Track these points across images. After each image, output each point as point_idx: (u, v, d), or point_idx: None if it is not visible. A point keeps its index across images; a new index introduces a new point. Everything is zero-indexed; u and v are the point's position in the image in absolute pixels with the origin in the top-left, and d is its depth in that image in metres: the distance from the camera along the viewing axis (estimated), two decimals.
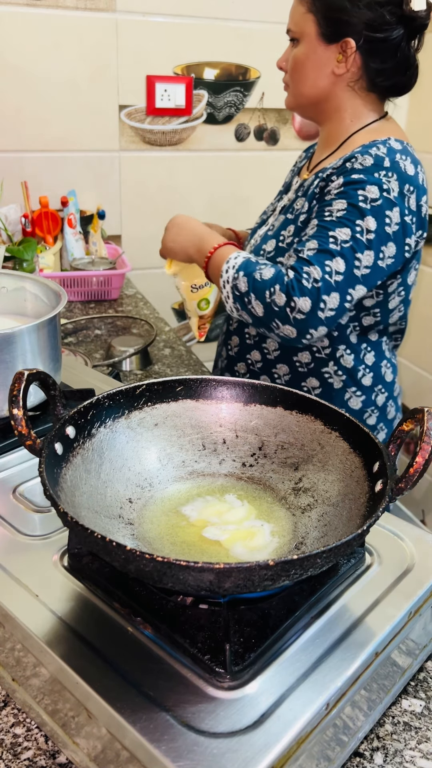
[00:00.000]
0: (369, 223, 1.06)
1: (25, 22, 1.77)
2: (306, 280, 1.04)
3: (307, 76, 1.16)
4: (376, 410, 1.30)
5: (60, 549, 0.64)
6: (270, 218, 1.33)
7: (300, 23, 1.14)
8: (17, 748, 0.56)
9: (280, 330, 1.08)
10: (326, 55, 1.14)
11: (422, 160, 1.17)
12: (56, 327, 0.89)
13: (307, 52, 1.15)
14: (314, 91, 1.17)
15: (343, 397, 1.26)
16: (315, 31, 1.13)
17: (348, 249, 1.05)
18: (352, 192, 1.07)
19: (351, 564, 0.62)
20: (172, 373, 1.36)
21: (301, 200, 1.22)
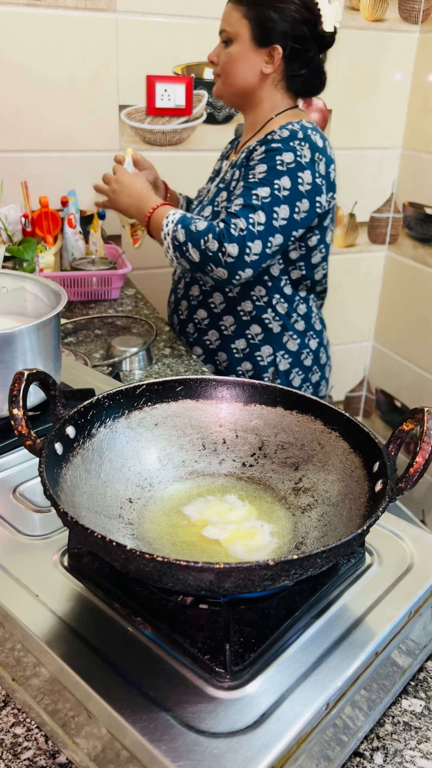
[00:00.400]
0: (284, 182, 1.30)
1: (25, 22, 1.76)
2: (233, 229, 1.28)
3: (238, 71, 1.40)
4: (311, 353, 1.57)
5: (60, 549, 0.64)
6: (204, 199, 1.57)
7: (235, 26, 1.37)
8: (17, 748, 0.56)
9: (214, 273, 1.32)
10: (257, 57, 1.38)
11: (422, 160, 1.24)
12: (56, 327, 0.89)
13: (240, 51, 1.38)
14: (243, 85, 1.42)
15: (282, 340, 1.52)
16: (249, 35, 1.36)
17: (267, 204, 1.29)
18: (271, 157, 1.32)
19: (351, 564, 0.62)
20: (172, 373, 1.36)
21: (230, 171, 1.48)
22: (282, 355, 1.52)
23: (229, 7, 1.39)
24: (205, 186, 1.65)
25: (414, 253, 2.44)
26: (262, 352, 1.52)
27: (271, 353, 1.52)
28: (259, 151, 1.35)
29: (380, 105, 2.33)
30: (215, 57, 1.43)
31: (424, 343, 2.45)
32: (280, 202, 1.30)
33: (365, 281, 2.61)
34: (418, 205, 2.38)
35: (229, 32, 1.38)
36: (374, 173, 2.44)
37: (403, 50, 2.28)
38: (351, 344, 2.69)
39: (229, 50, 1.39)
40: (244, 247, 1.27)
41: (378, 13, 2.19)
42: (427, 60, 2.27)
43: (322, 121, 2.26)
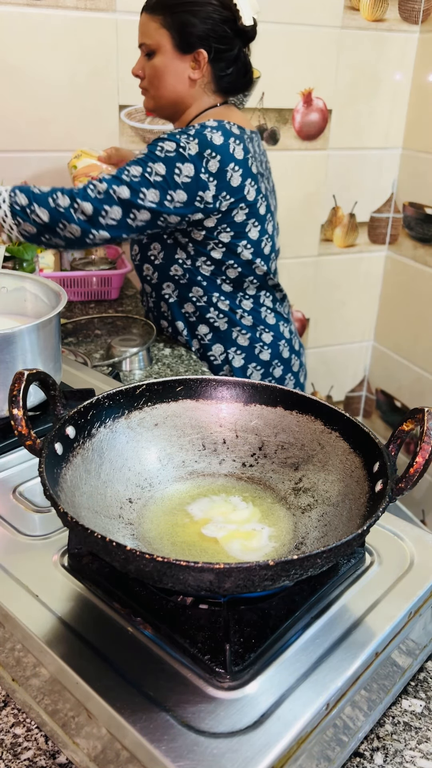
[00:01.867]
0: (158, 167, 1.29)
1: (25, 22, 1.76)
2: (91, 190, 1.27)
3: (166, 82, 1.38)
4: (266, 347, 1.54)
5: (60, 549, 0.64)
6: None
7: (155, 37, 1.34)
8: (17, 748, 0.56)
9: (66, 230, 1.29)
10: (182, 64, 1.35)
11: (422, 160, 1.21)
12: (56, 327, 0.89)
13: (164, 62, 1.35)
14: (173, 95, 1.39)
15: (232, 336, 1.51)
16: (170, 44, 1.33)
17: (135, 182, 1.28)
18: (153, 143, 1.32)
19: (351, 564, 0.62)
20: (172, 373, 1.36)
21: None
22: (234, 351, 1.52)
23: (144, 18, 1.36)
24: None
25: (414, 253, 2.44)
26: (214, 351, 1.52)
27: (223, 351, 1.52)
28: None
29: (380, 105, 2.33)
30: (139, 71, 1.40)
31: (424, 343, 2.45)
32: (149, 185, 1.28)
33: (365, 281, 2.61)
34: (418, 205, 2.38)
35: (150, 44, 1.35)
36: (374, 173, 2.44)
37: (403, 50, 2.28)
38: (351, 344, 2.69)
39: (153, 63, 1.36)
40: (100, 209, 1.27)
41: (378, 13, 2.19)
42: (427, 60, 2.27)
43: (322, 121, 2.26)
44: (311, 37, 2.15)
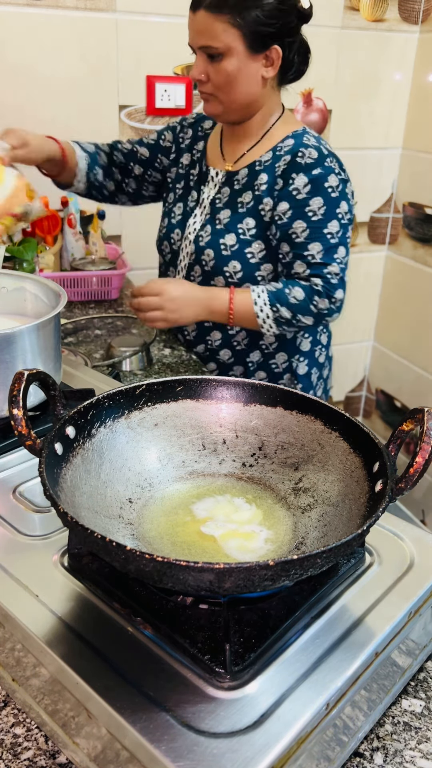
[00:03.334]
0: (342, 207, 1.30)
1: (25, 22, 1.77)
2: (332, 278, 1.29)
3: (240, 87, 1.26)
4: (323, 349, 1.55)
5: (60, 549, 0.64)
6: (197, 209, 1.44)
7: (223, 39, 1.20)
8: (17, 748, 0.56)
9: (328, 322, 1.35)
10: (255, 65, 1.25)
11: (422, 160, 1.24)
12: (56, 327, 0.89)
13: (238, 65, 1.23)
14: (248, 99, 1.29)
15: (296, 343, 1.47)
16: (242, 45, 1.21)
17: (341, 236, 1.30)
18: (321, 187, 1.28)
19: (351, 564, 0.62)
20: (172, 373, 1.36)
21: (246, 194, 1.35)
22: (297, 358, 1.48)
23: (204, 18, 1.20)
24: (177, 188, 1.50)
25: (414, 253, 2.44)
26: (276, 360, 1.47)
27: (286, 360, 1.47)
28: (301, 181, 1.27)
29: (380, 105, 2.33)
30: (202, 75, 1.26)
31: (424, 343, 2.45)
32: (347, 227, 1.31)
33: (365, 281, 2.61)
34: (418, 205, 2.38)
35: (217, 47, 1.21)
36: (374, 173, 2.44)
37: (403, 50, 2.28)
38: (351, 344, 2.69)
39: (223, 66, 1.23)
40: (344, 285, 1.31)
41: (378, 13, 2.19)
42: (427, 60, 2.27)
43: (322, 121, 2.26)
44: (311, 37, 2.14)
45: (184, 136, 1.50)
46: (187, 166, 1.49)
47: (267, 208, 1.32)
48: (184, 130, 1.50)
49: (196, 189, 1.45)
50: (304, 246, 1.28)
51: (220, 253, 1.36)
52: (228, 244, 1.35)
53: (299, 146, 1.29)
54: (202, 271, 1.40)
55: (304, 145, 1.29)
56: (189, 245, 1.42)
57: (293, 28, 1.26)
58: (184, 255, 1.45)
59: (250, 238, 1.34)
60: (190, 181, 1.48)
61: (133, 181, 1.57)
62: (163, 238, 1.51)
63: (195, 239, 1.41)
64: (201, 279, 1.40)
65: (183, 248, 1.45)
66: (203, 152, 1.46)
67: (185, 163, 1.49)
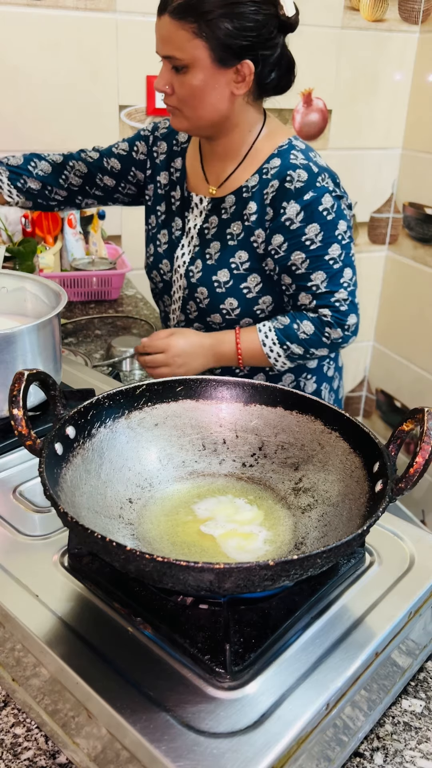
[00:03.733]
0: (341, 226, 1.20)
1: (25, 22, 1.77)
2: (341, 305, 1.21)
3: (206, 101, 1.12)
4: (332, 361, 1.46)
5: (60, 549, 0.64)
6: (183, 239, 1.32)
7: (188, 50, 1.06)
8: (17, 748, 0.56)
9: (344, 346, 1.28)
10: (224, 79, 1.10)
11: (422, 160, 1.22)
12: (56, 327, 0.89)
13: (203, 78, 1.09)
14: (215, 115, 1.15)
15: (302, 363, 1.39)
16: (208, 57, 1.07)
17: (345, 257, 1.21)
18: (316, 213, 1.17)
19: (351, 564, 0.62)
20: None
21: (236, 225, 1.24)
22: (305, 377, 1.38)
23: (168, 24, 1.06)
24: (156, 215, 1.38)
25: (414, 253, 2.44)
26: (284, 381, 1.37)
27: (293, 380, 1.38)
28: (293, 210, 1.16)
29: (380, 105, 2.33)
30: (166, 86, 1.12)
31: (424, 343, 2.45)
32: (349, 245, 1.23)
33: (365, 281, 2.61)
34: (418, 206, 2.38)
35: (181, 58, 1.07)
36: (374, 173, 2.44)
37: (403, 50, 2.29)
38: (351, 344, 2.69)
39: (187, 79, 1.09)
40: (356, 307, 1.25)
41: (378, 14, 2.19)
42: (427, 60, 2.27)
43: (321, 121, 2.26)
44: (311, 37, 2.15)
45: (158, 151, 1.35)
46: (165, 186, 1.35)
47: (260, 240, 1.22)
48: (157, 143, 1.35)
49: (180, 216, 1.33)
50: (306, 277, 1.20)
51: (214, 291, 1.26)
52: (222, 281, 1.25)
53: (286, 168, 1.17)
54: (198, 308, 1.30)
55: (291, 166, 1.17)
56: (180, 279, 1.32)
57: (269, 40, 1.09)
58: (177, 288, 1.34)
59: (244, 272, 1.24)
60: (172, 206, 1.34)
61: (99, 190, 1.42)
62: (151, 266, 1.40)
63: (186, 274, 1.30)
64: (197, 315, 1.31)
65: (175, 281, 1.34)
66: (182, 172, 1.32)
67: (163, 183, 1.35)
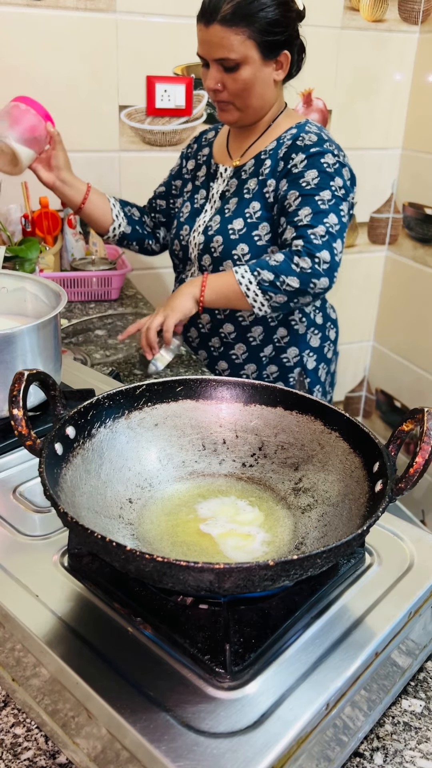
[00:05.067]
0: (337, 181, 1.34)
1: (25, 22, 1.77)
2: (315, 238, 1.29)
3: (256, 93, 1.35)
4: (332, 344, 1.59)
5: (60, 549, 0.64)
6: (207, 204, 1.51)
7: (240, 51, 1.28)
8: (17, 748, 0.56)
9: (317, 287, 1.30)
10: (268, 70, 1.34)
11: (422, 160, 1.25)
12: (56, 327, 0.89)
13: (254, 73, 1.32)
14: (262, 103, 1.38)
15: (306, 338, 1.52)
16: (257, 53, 1.30)
17: (333, 205, 1.32)
18: (317, 162, 1.33)
19: (351, 564, 0.62)
20: (172, 373, 1.36)
21: (252, 180, 1.42)
22: (308, 353, 1.52)
23: (219, 31, 1.27)
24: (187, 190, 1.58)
25: (414, 254, 2.44)
26: (288, 354, 1.51)
27: (297, 354, 1.51)
28: (298, 159, 1.34)
29: (380, 105, 2.33)
30: (219, 85, 1.33)
31: (424, 343, 2.45)
32: (340, 201, 1.33)
33: (365, 281, 2.61)
34: (418, 206, 2.38)
35: (235, 58, 1.29)
36: (374, 173, 2.44)
37: (403, 50, 2.28)
38: (351, 344, 2.69)
39: (239, 75, 1.31)
40: (331, 248, 1.29)
41: (378, 14, 2.19)
42: (427, 60, 2.27)
43: (321, 121, 2.26)
44: (311, 37, 2.14)
45: (190, 151, 1.61)
46: (192, 170, 1.57)
47: (270, 189, 1.38)
48: (190, 147, 1.62)
49: (205, 187, 1.52)
50: (295, 213, 1.32)
51: (228, 238, 1.40)
52: (236, 228, 1.40)
53: (301, 132, 1.37)
54: (212, 258, 1.44)
55: (305, 131, 1.37)
56: (198, 236, 1.47)
57: (297, 30, 1.35)
58: (194, 246, 1.49)
59: (256, 220, 1.39)
60: (197, 181, 1.55)
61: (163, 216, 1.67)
62: (173, 238, 1.56)
63: (204, 230, 1.46)
64: (211, 266, 1.45)
65: (191, 240, 1.50)
66: (209, 155, 1.54)
67: (190, 168, 1.58)
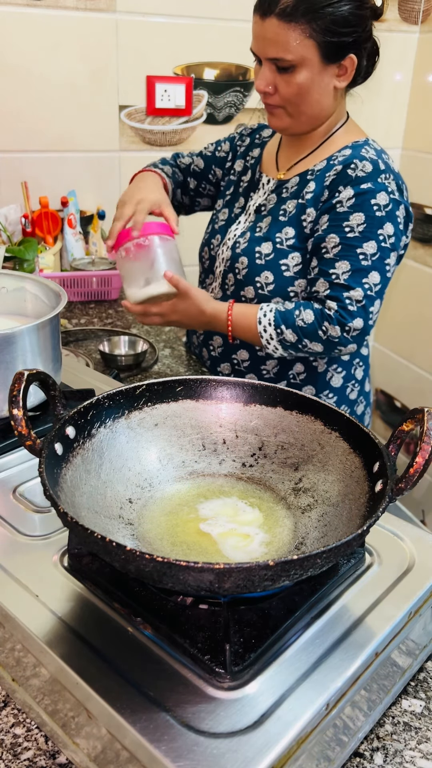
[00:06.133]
0: (387, 228, 1.14)
1: (25, 22, 1.76)
2: (351, 304, 1.13)
3: (312, 100, 1.15)
4: (357, 384, 1.37)
5: (60, 549, 0.64)
6: (242, 216, 1.33)
7: (298, 50, 1.09)
8: (17, 748, 0.56)
9: (342, 352, 1.18)
10: (328, 75, 1.14)
11: (422, 160, 1.20)
12: (56, 327, 0.89)
13: (311, 77, 1.12)
14: (317, 111, 1.18)
15: (326, 377, 1.32)
16: (317, 56, 1.10)
17: (378, 260, 1.13)
18: (366, 203, 1.13)
19: (351, 564, 0.62)
20: (172, 373, 1.36)
21: (291, 202, 1.24)
22: (326, 395, 1.33)
23: (276, 26, 1.08)
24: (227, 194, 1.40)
25: (414, 254, 2.44)
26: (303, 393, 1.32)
27: (314, 394, 1.31)
28: (346, 194, 1.15)
29: (380, 105, 2.33)
30: (270, 87, 1.15)
31: (424, 343, 2.45)
32: (388, 252, 1.15)
33: None
34: (418, 205, 2.38)
35: (291, 59, 1.10)
36: None
37: (403, 50, 2.28)
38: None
39: (294, 78, 1.12)
40: (368, 315, 1.14)
41: None
42: (427, 60, 2.27)
43: None
44: None
45: (242, 144, 1.41)
46: (239, 173, 1.39)
47: (309, 219, 1.20)
48: (243, 139, 1.42)
49: (245, 196, 1.36)
50: (331, 263, 1.14)
51: (253, 262, 1.25)
52: (263, 253, 1.24)
53: (355, 157, 1.17)
54: (235, 280, 1.29)
55: (360, 156, 1.16)
56: (226, 251, 1.32)
57: (368, 31, 1.13)
58: (220, 261, 1.34)
59: (287, 248, 1.22)
60: (240, 188, 1.38)
61: (187, 197, 1.49)
62: (204, 244, 1.41)
63: (233, 246, 1.30)
64: (233, 288, 1.30)
65: (220, 254, 1.34)
66: (258, 159, 1.36)
67: (237, 170, 1.40)
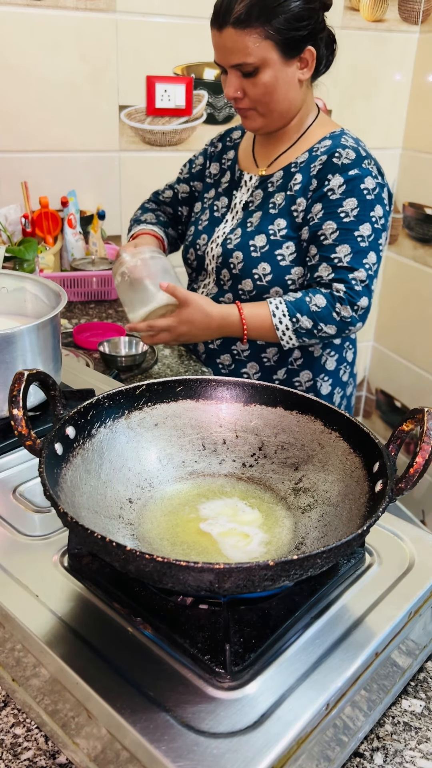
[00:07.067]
0: (378, 210, 1.23)
1: (25, 22, 1.76)
2: (357, 284, 1.21)
3: (281, 95, 1.21)
4: (348, 366, 1.45)
5: (60, 549, 0.64)
6: (228, 214, 1.38)
7: (258, 53, 1.14)
8: (17, 748, 0.56)
9: (352, 331, 1.25)
10: (291, 70, 1.20)
11: (422, 160, 1.22)
12: (56, 327, 0.89)
13: (275, 75, 1.18)
14: (287, 105, 1.24)
15: (321, 361, 1.39)
16: (277, 54, 1.16)
17: (373, 241, 1.22)
18: (357, 189, 1.21)
19: (351, 564, 0.62)
20: (172, 373, 1.36)
21: (280, 195, 1.29)
22: (322, 378, 1.39)
23: (233, 35, 1.14)
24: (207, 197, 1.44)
25: (414, 254, 2.44)
26: (300, 378, 1.38)
27: (311, 378, 1.38)
28: (336, 182, 1.22)
29: (380, 105, 2.33)
30: (238, 92, 1.20)
31: (424, 343, 2.45)
32: (380, 233, 1.24)
33: None
34: (418, 206, 2.38)
35: (252, 62, 1.15)
36: None
37: (403, 50, 2.28)
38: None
39: (259, 80, 1.17)
40: (370, 293, 1.23)
41: (378, 14, 2.19)
42: (427, 60, 2.27)
43: None
44: None
45: (214, 150, 1.46)
46: (215, 175, 1.44)
47: (300, 209, 1.26)
48: (215, 145, 1.47)
49: (227, 195, 1.40)
50: (331, 248, 1.21)
51: (249, 255, 1.29)
52: (258, 246, 1.28)
53: (337, 146, 1.24)
54: (231, 275, 1.32)
55: (341, 145, 1.24)
56: (216, 248, 1.35)
57: (321, 22, 1.19)
58: (211, 259, 1.37)
59: (280, 239, 1.27)
60: (220, 188, 1.42)
61: (182, 226, 1.54)
62: (188, 246, 1.44)
63: (223, 242, 1.33)
64: (230, 283, 1.33)
65: (208, 252, 1.37)
66: (234, 160, 1.41)
67: (213, 173, 1.44)
